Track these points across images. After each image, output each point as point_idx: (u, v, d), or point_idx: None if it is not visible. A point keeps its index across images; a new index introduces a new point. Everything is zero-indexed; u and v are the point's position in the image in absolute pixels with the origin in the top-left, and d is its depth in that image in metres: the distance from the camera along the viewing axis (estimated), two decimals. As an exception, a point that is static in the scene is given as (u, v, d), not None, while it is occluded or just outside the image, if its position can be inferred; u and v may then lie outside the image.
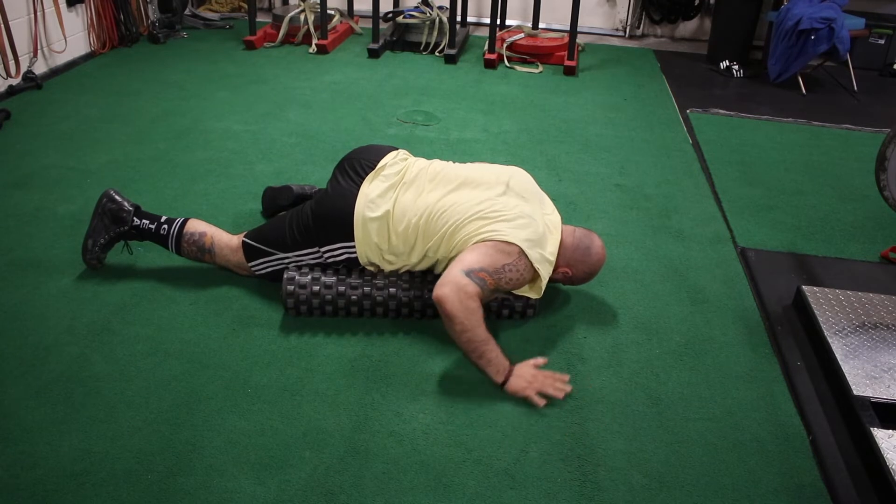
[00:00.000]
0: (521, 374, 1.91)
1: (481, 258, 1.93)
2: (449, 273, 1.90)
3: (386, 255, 2.10)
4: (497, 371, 1.91)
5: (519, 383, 1.90)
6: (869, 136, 3.88)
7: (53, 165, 3.01)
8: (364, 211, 2.06)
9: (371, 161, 2.15)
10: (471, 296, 1.87)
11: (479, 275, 1.90)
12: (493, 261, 1.93)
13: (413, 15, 4.90)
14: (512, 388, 1.89)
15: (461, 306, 1.85)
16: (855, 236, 2.82)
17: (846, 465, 1.76)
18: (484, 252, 1.94)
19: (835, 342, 2.06)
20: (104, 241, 2.24)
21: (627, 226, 2.78)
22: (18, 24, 3.78)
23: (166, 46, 4.74)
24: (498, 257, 1.94)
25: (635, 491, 1.65)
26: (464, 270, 1.89)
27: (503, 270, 1.94)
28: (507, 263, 1.95)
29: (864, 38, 4.85)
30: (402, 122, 3.68)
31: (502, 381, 1.90)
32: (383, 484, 1.63)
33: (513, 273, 1.96)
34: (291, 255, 2.16)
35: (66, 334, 2.03)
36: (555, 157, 3.36)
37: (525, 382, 1.90)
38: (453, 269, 1.90)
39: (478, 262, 1.92)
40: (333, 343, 2.06)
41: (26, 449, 1.66)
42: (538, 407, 1.86)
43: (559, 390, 1.90)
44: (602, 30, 5.79)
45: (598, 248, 2.17)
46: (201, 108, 3.70)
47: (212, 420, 1.77)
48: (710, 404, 1.91)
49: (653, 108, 4.09)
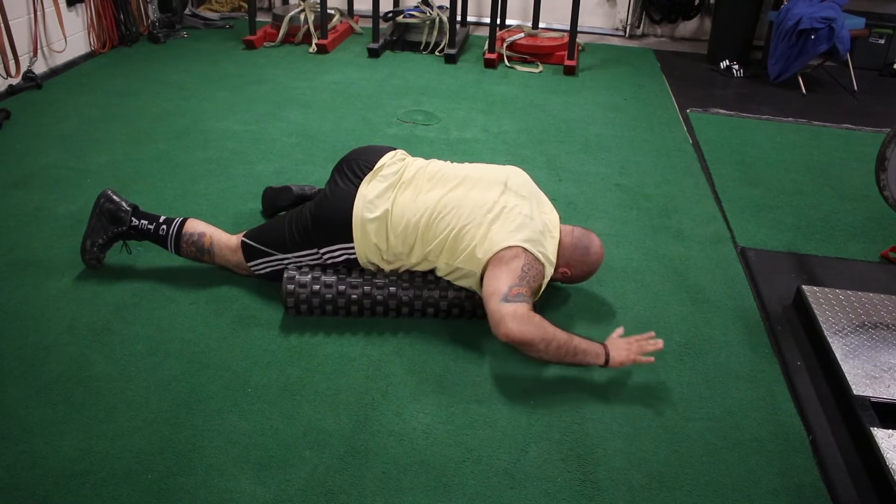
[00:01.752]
0: (618, 347, 1.95)
1: (504, 279, 1.92)
2: (492, 311, 1.89)
3: (385, 255, 2.10)
4: (597, 355, 1.93)
5: (621, 354, 1.93)
6: (869, 136, 3.88)
7: (53, 165, 3.01)
8: (362, 212, 2.06)
9: (369, 162, 2.15)
10: (527, 314, 1.87)
11: (514, 293, 1.90)
12: (512, 272, 1.93)
13: (413, 14, 4.90)
14: (617, 362, 1.93)
15: (529, 328, 1.85)
16: (855, 236, 2.82)
17: (846, 465, 1.76)
18: (500, 272, 1.94)
19: (835, 342, 2.06)
20: (102, 242, 2.24)
21: (627, 226, 2.78)
22: (18, 24, 3.78)
23: (166, 46, 4.74)
24: (512, 266, 1.94)
25: (635, 491, 1.65)
26: (501, 300, 1.89)
27: (525, 273, 1.94)
28: (523, 265, 1.95)
29: (864, 38, 4.85)
30: (402, 122, 3.68)
31: (605, 361, 1.93)
32: (383, 484, 1.63)
33: (532, 270, 1.97)
34: (291, 255, 2.16)
35: (66, 334, 2.03)
36: (555, 157, 3.36)
37: (625, 352, 1.94)
38: (492, 305, 1.90)
39: (504, 283, 1.91)
40: (333, 343, 2.06)
41: (26, 449, 1.66)
42: (650, 363, 1.95)
43: (656, 344, 1.96)
44: (602, 30, 5.79)
45: (597, 247, 2.17)
46: (201, 108, 3.70)
47: (212, 420, 1.77)
48: (710, 404, 1.91)
49: (653, 108, 4.09)
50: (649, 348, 1.95)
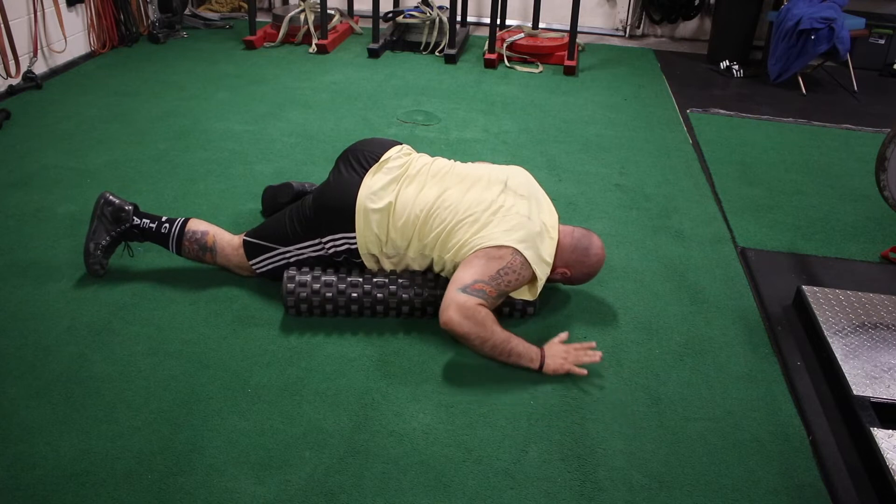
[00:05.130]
0: (554, 354, 1.96)
1: (474, 271, 1.95)
2: (447, 296, 1.93)
3: (385, 247, 2.11)
4: (530, 360, 1.95)
5: (556, 362, 1.94)
6: (869, 136, 3.88)
7: (53, 165, 3.01)
8: (366, 202, 2.06)
9: (375, 154, 2.16)
10: (474, 308, 1.90)
11: (475, 287, 1.92)
12: (487, 269, 1.95)
13: (413, 15, 4.90)
14: (551, 369, 1.94)
15: (469, 322, 1.89)
16: (855, 236, 2.82)
17: (846, 465, 1.76)
18: (476, 264, 1.96)
19: (835, 342, 2.06)
20: (106, 243, 2.23)
21: (627, 226, 2.78)
22: (18, 24, 3.78)
23: (166, 46, 4.74)
24: (491, 265, 1.95)
25: (635, 491, 1.65)
26: (459, 288, 1.92)
27: (499, 276, 1.95)
28: (502, 268, 1.96)
29: (864, 38, 4.85)
30: (403, 122, 3.68)
31: (539, 367, 1.94)
32: (383, 484, 1.63)
33: (510, 275, 1.97)
34: (292, 248, 2.16)
35: (66, 334, 2.03)
36: (555, 157, 3.36)
37: (561, 360, 1.95)
38: (450, 290, 1.93)
39: (471, 276, 1.94)
40: (333, 343, 2.06)
41: (26, 449, 1.66)
42: (582, 376, 1.95)
43: (593, 356, 1.96)
44: (602, 30, 5.79)
45: (598, 248, 2.17)
46: (201, 109, 3.70)
47: (212, 420, 1.77)
48: (710, 404, 1.91)
49: (653, 108, 4.09)
50: (585, 360, 1.95)
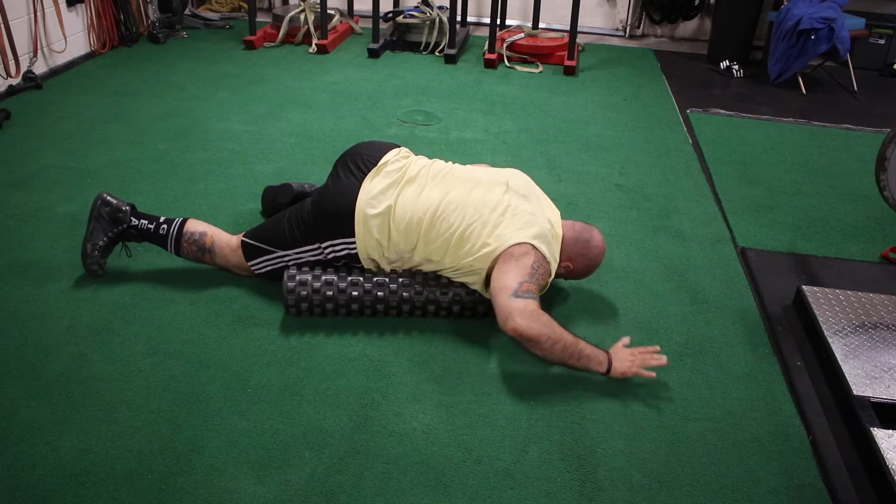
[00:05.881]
0: (622, 357, 1.95)
1: (514, 274, 1.93)
2: (501, 306, 1.89)
3: (386, 252, 2.10)
4: (599, 362, 1.94)
5: (624, 365, 1.94)
6: (869, 136, 3.87)
7: (53, 165, 3.01)
8: (365, 207, 2.06)
9: (373, 157, 2.15)
10: (537, 311, 1.88)
11: (524, 289, 1.90)
12: (522, 269, 1.94)
13: (413, 15, 4.90)
14: (619, 372, 1.94)
15: (538, 325, 1.86)
16: (855, 236, 2.82)
17: (846, 465, 1.76)
18: (509, 267, 1.95)
19: (835, 342, 2.06)
20: (103, 244, 2.23)
21: (627, 226, 2.78)
22: (18, 24, 3.78)
23: (166, 46, 4.74)
24: (522, 263, 1.95)
25: (635, 491, 1.65)
26: (511, 295, 1.89)
27: (535, 271, 1.95)
28: (533, 262, 1.96)
29: (864, 38, 4.85)
30: (403, 122, 3.68)
31: (607, 369, 1.94)
32: (383, 484, 1.63)
33: (540, 268, 1.98)
34: (291, 252, 2.16)
35: (66, 334, 2.03)
36: (555, 157, 3.36)
37: (628, 363, 1.94)
38: (501, 300, 1.89)
39: (514, 279, 1.92)
40: (333, 343, 2.06)
41: (26, 449, 1.66)
42: (651, 378, 1.94)
43: (659, 360, 1.95)
44: (602, 30, 5.79)
45: (598, 241, 2.17)
46: (201, 109, 3.70)
47: (212, 420, 1.77)
48: (710, 404, 1.91)
49: (653, 108, 4.09)
50: (652, 363, 1.95)
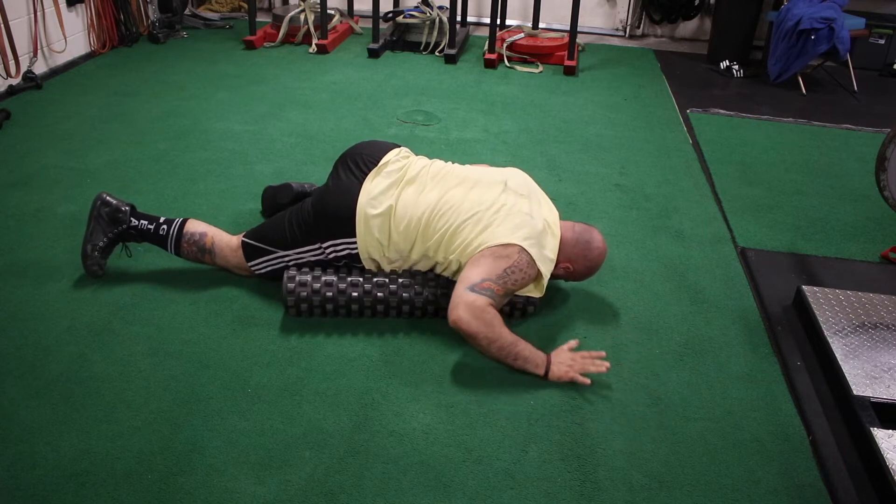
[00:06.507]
0: (560, 361, 1.95)
1: (482, 270, 1.94)
2: (455, 295, 1.92)
3: (387, 251, 2.11)
4: (536, 365, 1.94)
5: (560, 369, 1.93)
6: (869, 136, 3.88)
7: (53, 165, 3.01)
8: (366, 208, 2.06)
9: (374, 158, 2.15)
10: (483, 308, 1.89)
11: (483, 286, 1.92)
12: (494, 268, 1.94)
13: (413, 15, 4.90)
14: (555, 376, 1.93)
15: (478, 322, 1.88)
16: (855, 236, 2.82)
17: (846, 465, 1.76)
18: (483, 263, 1.96)
19: (835, 342, 2.06)
20: (103, 244, 2.23)
21: (627, 226, 2.78)
22: (18, 24, 3.78)
23: (166, 46, 4.74)
24: (498, 263, 1.95)
25: (635, 491, 1.65)
26: (468, 287, 1.91)
27: (506, 274, 1.95)
28: (509, 266, 1.95)
29: (864, 38, 4.85)
30: (403, 122, 3.68)
31: (544, 373, 1.93)
32: (383, 484, 1.63)
33: (517, 274, 1.97)
34: (291, 252, 2.16)
35: (66, 334, 2.03)
36: (555, 157, 3.36)
37: (566, 367, 1.94)
38: (458, 289, 1.92)
39: (479, 274, 1.93)
40: (333, 343, 2.06)
41: (26, 449, 1.66)
42: (586, 385, 1.92)
43: (599, 367, 1.94)
44: (602, 30, 5.79)
45: (599, 242, 2.17)
46: (201, 109, 3.70)
47: (212, 420, 1.77)
48: (710, 404, 1.91)
49: (653, 108, 4.09)
50: (591, 369, 1.94)
